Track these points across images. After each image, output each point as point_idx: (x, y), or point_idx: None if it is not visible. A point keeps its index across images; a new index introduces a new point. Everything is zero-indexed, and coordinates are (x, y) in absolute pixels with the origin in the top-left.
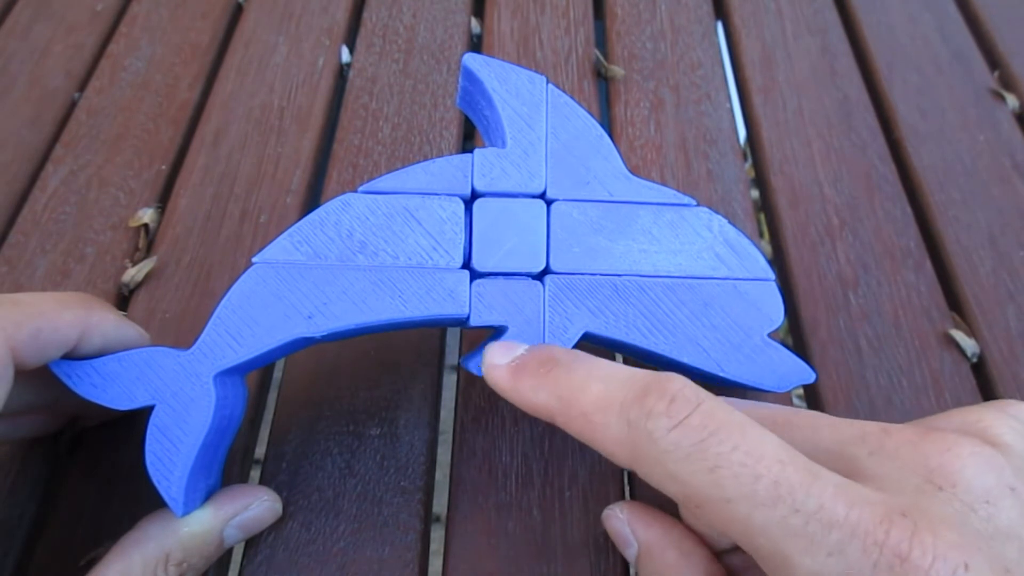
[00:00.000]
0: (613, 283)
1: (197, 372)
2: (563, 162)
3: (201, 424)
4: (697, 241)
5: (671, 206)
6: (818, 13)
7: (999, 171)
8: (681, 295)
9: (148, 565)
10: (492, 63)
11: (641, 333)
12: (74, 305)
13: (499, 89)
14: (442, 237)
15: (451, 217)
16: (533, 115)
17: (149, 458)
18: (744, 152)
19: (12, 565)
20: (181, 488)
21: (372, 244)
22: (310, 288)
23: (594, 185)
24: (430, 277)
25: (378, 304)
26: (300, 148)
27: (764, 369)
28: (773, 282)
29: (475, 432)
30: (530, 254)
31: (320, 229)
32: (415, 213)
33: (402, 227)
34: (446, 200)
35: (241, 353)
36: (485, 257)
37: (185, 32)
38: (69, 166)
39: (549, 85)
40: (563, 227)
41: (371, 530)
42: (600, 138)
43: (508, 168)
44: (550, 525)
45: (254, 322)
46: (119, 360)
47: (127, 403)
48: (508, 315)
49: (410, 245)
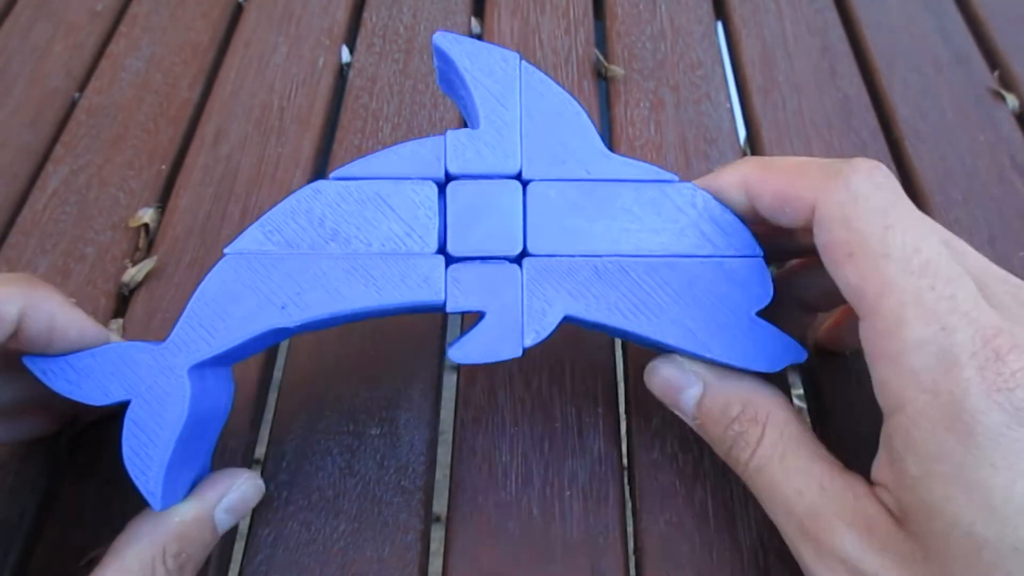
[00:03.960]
0: (593, 264)
1: (171, 365)
2: (539, 141)
3: (177, 418)
4: (681, 218)
5: (653, 183)
6: (818, 13)
7: (999, 171)
8: (664, 275)
9: (145, 563)
10: (463, 41)
11: (623, 315)
12: (13, 282)
13: (471, 68)
14: (415, 222)
15: (424, 201)
16: (506, 93)
17: (126, 452)
18: (744, 152)
19: (12, 565)
20: (159, 482)
21: (344, 231)
22: (283, 278)
23: (571, 164)
24: (404, 263)
25: (352, 292)
26: (300, 148)
27: (753, 348)
28: (761, 258)
29: (475, 432)
30: (506, 237)
31: (291, 217)
32: (387, 199)
33: (374, 213)
34: (418, 184)
35: (215, 345)
36: (460, 241)
37: (185, 32)
38: (69, 166)
39: (523, 62)
40: (540, 208)
41: (371, 530)
42: (577, 115)
43: (482, 149)
44: (550, 525)
45: (227, 314)
46: (93, 355)
47: (102, 398)
48: (485, 300)
49: (383, 231)
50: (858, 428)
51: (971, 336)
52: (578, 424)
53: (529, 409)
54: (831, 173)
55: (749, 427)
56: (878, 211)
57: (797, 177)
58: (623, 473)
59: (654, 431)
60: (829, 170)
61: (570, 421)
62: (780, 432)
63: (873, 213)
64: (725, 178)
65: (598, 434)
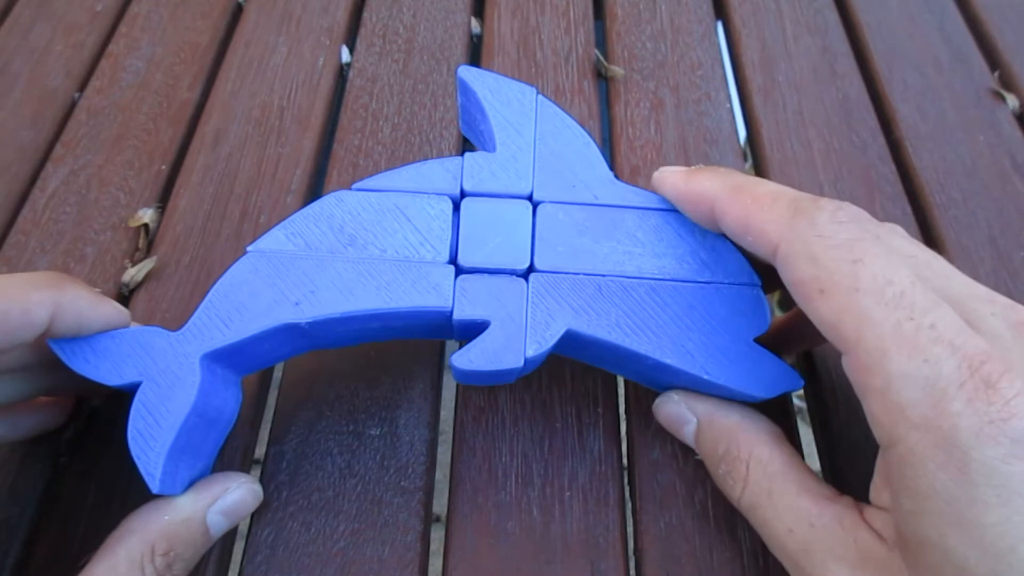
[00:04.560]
0: (597, 283)
1: (185, 352)
2: (550, 167)
3: (184, 402)
4: (681, 245)
5: (657, 211)
6: (818, 13)
7: (999, 171)
8: (665, 296)
9: (134, 560)
10: (485, 75)
11: (623, 332)
12: (43, 285)
13: (490, 98)
14: (429, 233)
15: (439, 215)
16: (522, 122)
17: (131, 432)
18: (744, 152)
19: (12, 565)
20: (159, 464)
21: (362, 238)
22: (299, 276)
23: (580, 189)
24: (416, 270)
25: (364, 293)
26: (300, 148)
27: (750, 373)
28: (759, 287)
29: (475, 432)
30: (515, 252)
31: (313, 222)
32: (405, 210)
33: (391, 223)
34: (435, 199)
35: (228, 336)
36: (470, 253)
37: (185, 32)
38: (69, 166)
39: (539, 96)
40: (548, 227)
41: (371, 530)
42: (587, 145)
43: (496, 171)
44: (550, 525)
45: (243, 307)
46: (112, 337)
47: (116, 379)
48: (490, 310)
49: (398, 240)
50: (858, 427)
51: (956, 366)
52: (578, 424)
53: (529, 409)
54: (796, 210)
55: (734, 465)
56: (844, 247)
57: (763, 209)
58: (623, 473)
59: (654, 431)
60: (795, 207)
61: (570, 421)
62: (763, 470)
63: (839, 249)
64: (696, 186)
65: (598, 434)
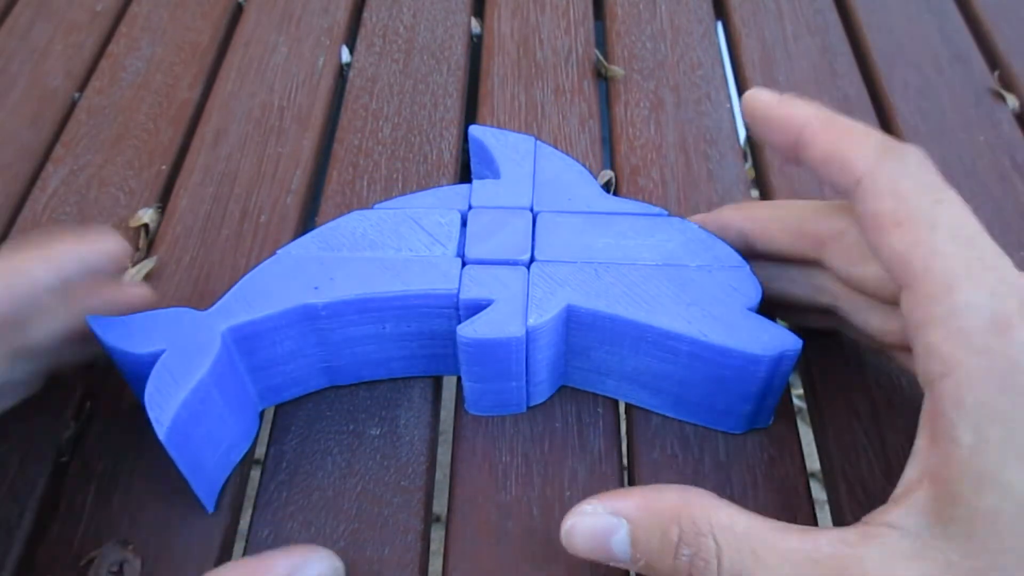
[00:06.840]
0: (595, 268)
1: (210, 324)
2: (548, 187)
3: (202, 364)
4: (674, 237)
5: (648, 215)
6: (818, 13)
7: (999, 171)
8: (660, 277)
9: None
10: (492, 130)
11: (623, 306)
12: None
13: (495, 144)
14: (439, 236)
15: (449, 223)
16: (523, 158)
17: (149, 390)
18: (744, 152)
19: (12, 565)
20: (170, 415)
21: (380, 242)
22: (320, 268)
23: (576, 201)
24: (427, 263)
25: (378, 281)
26: (300, 148)
27: (748, 334)
28: (748, 267)
29: (475, 432)
30: (517, 246)
31: (337, 232)
32: (418, 220)
33: (407, 230)
34: (446, 211)
35: (251, 313)
36: (476, 249)
37: (185, 32)
38: (69, 166)
39: (538, 142)
40: (548, 229)
41: (371, 530)
42: (581, 172)
43: (500, 191)
44: (550, 525)
45: (268, 292)
46: (145, 315)
47: (145, 346)
48: (495, 291)
49: (412, 242)
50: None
51: (1020, 303)
52: (578, 424)
53: (529, 409)
54: (886, 148)
55: (699, 543)
56: (929, 187)
57: (854, 142)
58: (623, 473)
59: (654, 431)
60: (885, 145)
61: (570, 421)
62: (733, 533)
63: (924, 187)
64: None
65: (598, 434)
